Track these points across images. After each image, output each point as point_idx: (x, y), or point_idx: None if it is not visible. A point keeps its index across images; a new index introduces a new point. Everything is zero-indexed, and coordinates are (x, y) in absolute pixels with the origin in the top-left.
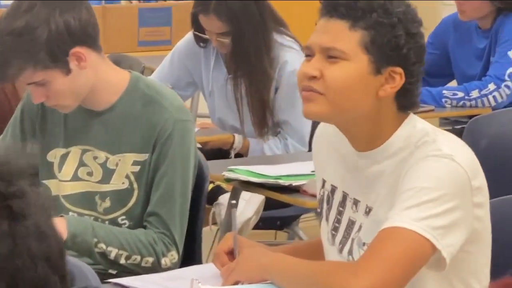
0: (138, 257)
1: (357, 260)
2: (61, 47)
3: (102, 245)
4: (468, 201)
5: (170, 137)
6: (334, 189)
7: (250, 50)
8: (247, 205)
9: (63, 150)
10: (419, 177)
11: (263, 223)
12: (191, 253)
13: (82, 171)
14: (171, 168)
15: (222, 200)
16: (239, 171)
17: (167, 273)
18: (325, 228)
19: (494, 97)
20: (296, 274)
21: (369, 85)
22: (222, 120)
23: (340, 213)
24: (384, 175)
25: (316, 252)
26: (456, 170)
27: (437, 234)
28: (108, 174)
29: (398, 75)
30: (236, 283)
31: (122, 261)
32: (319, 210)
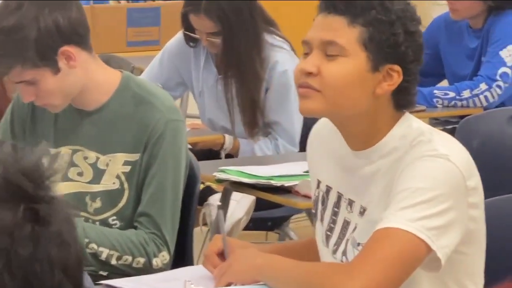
0: (129, 258)
1: (351, 261)
2: (50, 45)
3: (93, 245)
4: (463, 201)
5: (161, 137)
6: (329, 189)
7: (240, 50)
8: (238, 205)
9: (53, 151)
10: (415, 177)
11: (253, 224)
12: (182, 254)
13: (73, 171)
14: (162, 168)
15: (212, 200)
16: (231, 171)
17: (160, 275)
18: (320, 229)
19: (485, 97)
20: (290, 275)
21: (366, 82)
22: (212, 120)
23: (335, 214)
24: (379, 175)
25: (305, 252)
26: (452, 170)
27: (432, 235)
28: (99, 174)
29: (396, 73)
30: (228, 284)
31: (113, 262)
32: (313, 211)
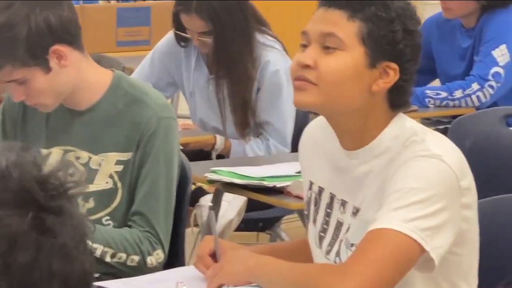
0: (123, 255)
1: (345, 261)
2: (41, 44)
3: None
4: (457, 201)
5: (154, 135)
6: (321, 190)
7: (232, 49)
8: (229, 206)
9: (44, 151)
10: (408, 178)
11: (245, 225)
12: (174, 254)
13: None
14: (155, 166)
15: (204, 201)
16: (222, 172)
17: (151, 276)
18: (313, 231)
19: (477, 97)
20: (283, 277)
21: (363, 78)
22: (204, 121)
23: (328, 215)
24: (372, 175)
25: (297, 253)
26: (445, 171)
27: (425, 236)
28: (91, 174)
29: (393, 70)
30: (220, 286)
31: (108, 259)
32: (306, 213)
